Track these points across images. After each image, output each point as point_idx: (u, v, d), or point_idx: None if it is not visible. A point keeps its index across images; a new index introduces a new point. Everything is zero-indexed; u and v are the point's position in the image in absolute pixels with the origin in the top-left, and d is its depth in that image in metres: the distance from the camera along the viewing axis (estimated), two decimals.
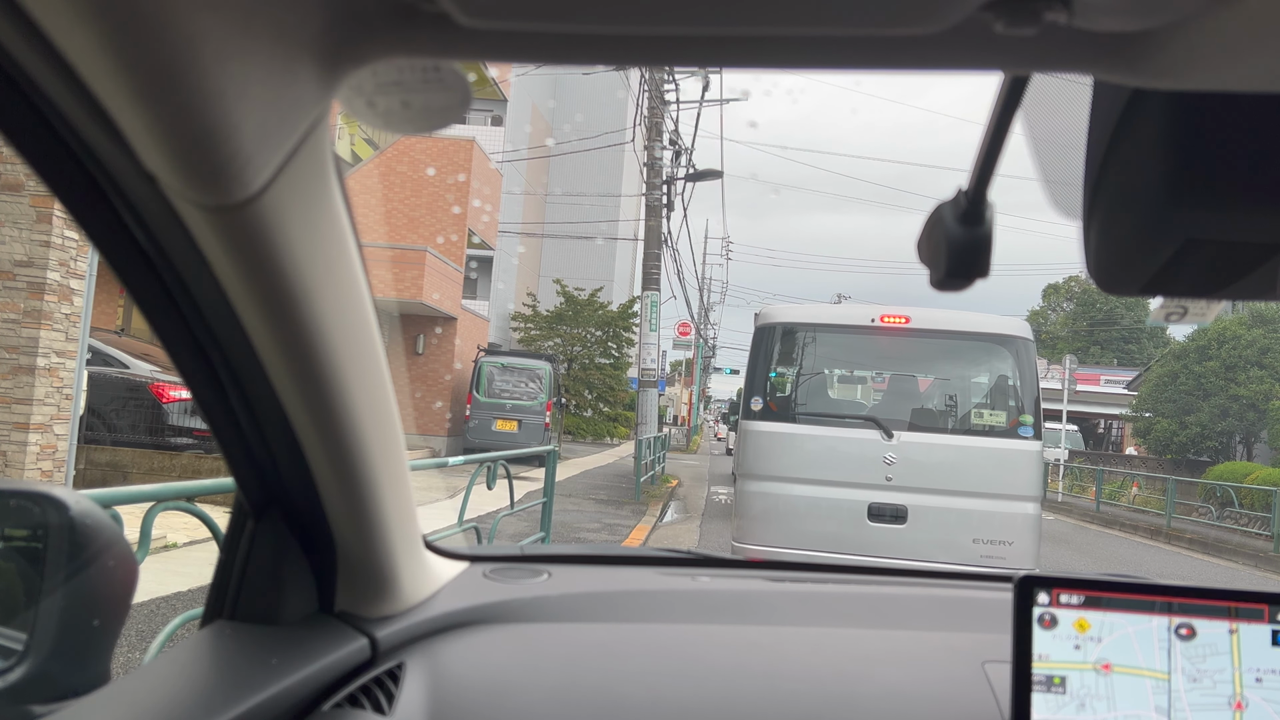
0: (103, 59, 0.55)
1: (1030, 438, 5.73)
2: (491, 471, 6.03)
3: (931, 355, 5.99)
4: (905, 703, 1.23)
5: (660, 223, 18.92)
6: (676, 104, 19.49)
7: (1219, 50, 0.48)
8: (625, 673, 1.25)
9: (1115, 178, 0.62)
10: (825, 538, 5.57)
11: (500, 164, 27.17)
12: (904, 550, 5.53)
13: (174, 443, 11.53)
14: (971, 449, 5.67)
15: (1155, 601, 1.09)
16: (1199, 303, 0.75)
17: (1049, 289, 62.94)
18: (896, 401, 5.97)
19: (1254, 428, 27.14)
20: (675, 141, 19.77)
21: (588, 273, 36.72)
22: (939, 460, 5.63)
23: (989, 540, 5.44)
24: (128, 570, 0.99)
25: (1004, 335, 5.89)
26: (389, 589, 1.19)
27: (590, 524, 11.58)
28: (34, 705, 0.90)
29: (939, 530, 5.58)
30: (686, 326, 41.19)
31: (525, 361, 22.10)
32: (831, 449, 5.74)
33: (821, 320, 6.13)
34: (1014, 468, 5.65)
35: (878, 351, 6.11)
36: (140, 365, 11.87)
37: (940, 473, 5.60)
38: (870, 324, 5.93)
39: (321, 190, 0.79)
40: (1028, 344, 5.98)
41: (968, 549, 5.47)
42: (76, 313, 9.18)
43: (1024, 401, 5.80)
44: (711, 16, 0.50)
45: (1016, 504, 5.60)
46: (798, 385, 6.03)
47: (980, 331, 5.91)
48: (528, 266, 37.76)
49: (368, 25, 0.57)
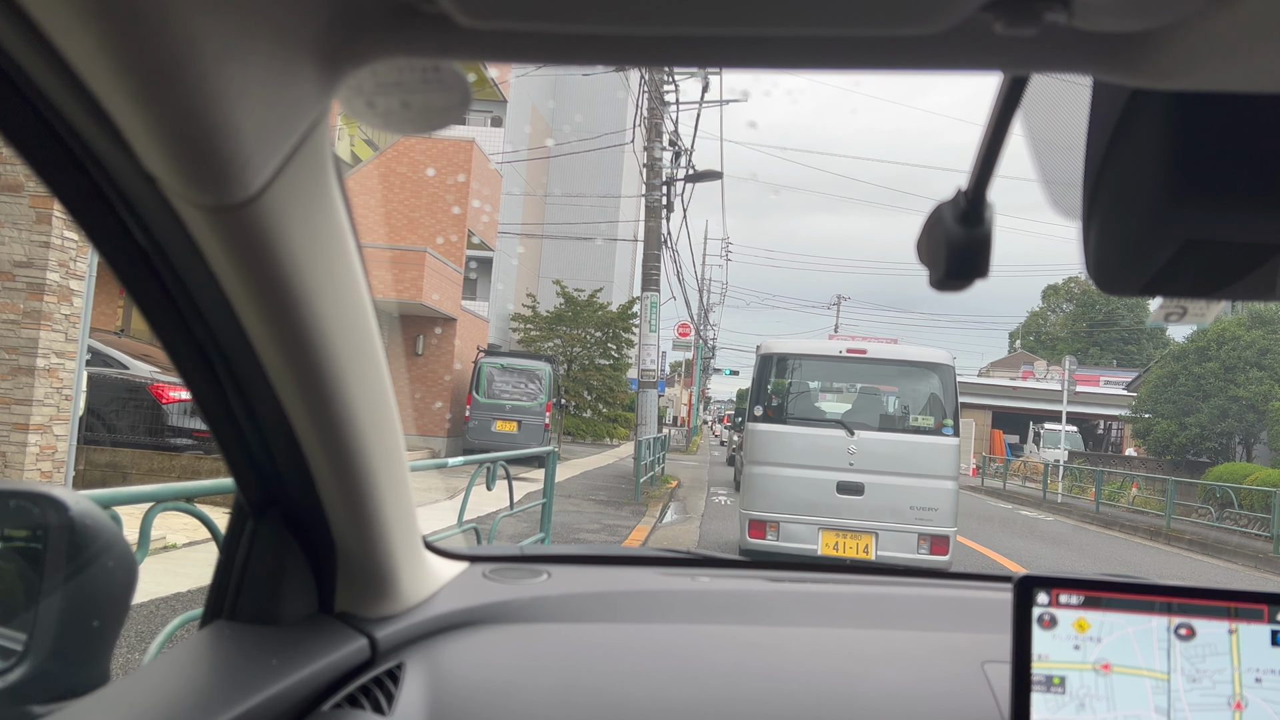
0: (103, 60, 0.55)
1: (950, 435, 7.95)
2: (491, 472, 6.07)
3: (882, 377, 8.42)
4: (905, 703, 1.23)
5: (660, 223, 18.86)
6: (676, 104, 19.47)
7: (1218, 51, 0.48)
8: (625, 673, 1.25)
9: (1115, 178, 0.62)
10: (806, 504, 7.90)
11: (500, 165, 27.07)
12: (862, 514, 7.78)
13: (174, 443, 11.45)
14: (909, 443, 7.94)
15: (1155, 602, 1.09)
16: (1198, 303, 0.75)
17: (1048, 290, 63.06)
18: (857, 409, 8.39)
19: (1253, 429, 27.03)
20: (675, 142, 19.71)
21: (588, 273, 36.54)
22: (886, 451, 7.89)
23: (921, 508, 7.73)
24: (127, 571, 0.99)
25: (932, 363, 8.20)
26: (389, 589, 1.19)
27: (590, 525, 11.55)
28: (34, 706, 0.90)
29: (886, 500, 7.76)
30: (686, 327, 41.07)
31: (525, 362, 22.00)
32: (811, 442, 8.04)
33: (804, 351, 8.69)
34: (939, 456, 7.90)
35: (844, 374, 8.63)
36: (140, 366, 11.82)
37: (887, 459, 7.86)
38: (839, 354, 8.46)
39: (321, 191, 0.79)
40: (949, 369, 8.20)
41: (907, 513, 7.73)
42: (76, 313, 9.14)
43: (946, 409, 8.03)
44: (711, 17, 0.50)
45: (941, 482, 7.84)
46: (787, 397, 8.42)
47: (915, 360, 8.26)
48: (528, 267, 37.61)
49: (367, 26, 0.57)
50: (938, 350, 8.47)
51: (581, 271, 36.49)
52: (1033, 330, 63.73)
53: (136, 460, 10.55)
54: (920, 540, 7.69)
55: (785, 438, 8.11)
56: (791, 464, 7.99)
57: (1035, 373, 47.45)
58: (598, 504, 14.03)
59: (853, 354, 8.35)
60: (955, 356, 8.35)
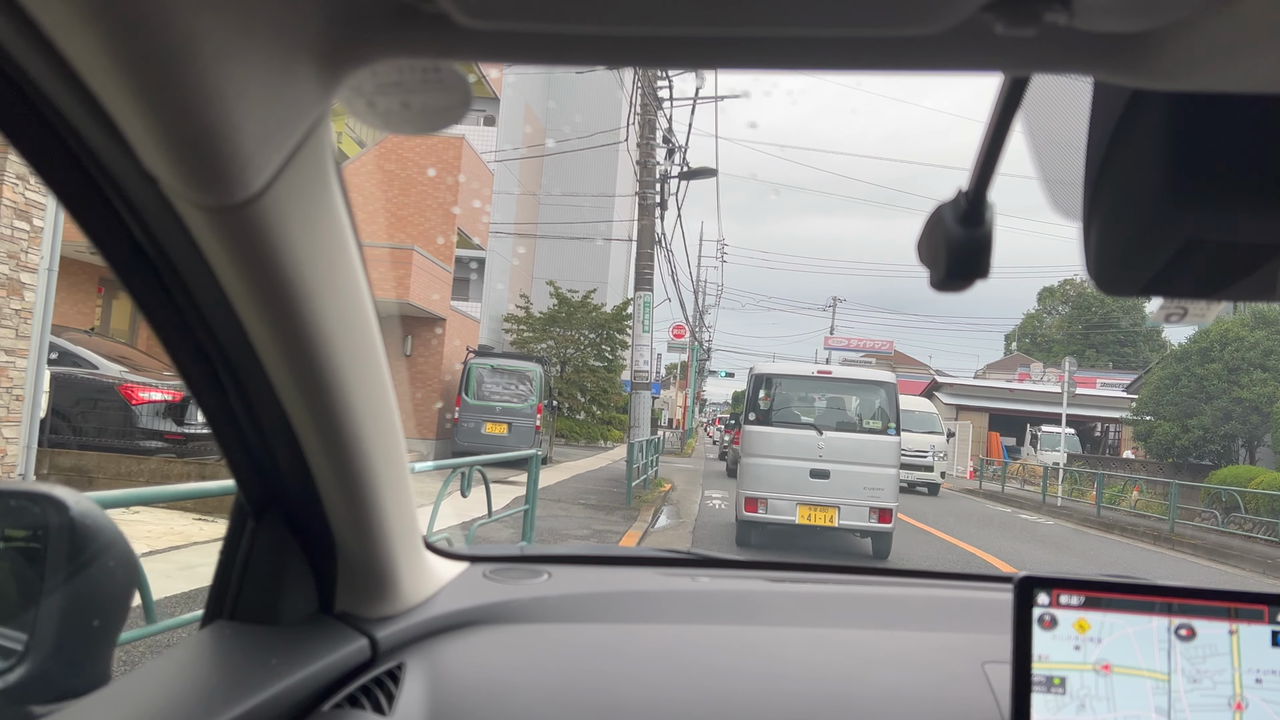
0: (103, 60, 0.55)
1: (893, 435, 10.75)
2: (466, 478, 5.74)
3: (844, 391, 11.41)
4: (905, 703, 1.23)
5: (653, 222, 18.54)
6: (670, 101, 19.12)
7: (1219, 51, 0.48)
8: (625, 673, 1.25)
9: (1115, 178, 0.62)
10: (787, 486, 10.48)
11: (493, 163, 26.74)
12: (828, 493, 10.41)
13: (144, 446, 10.83)
14: (863, 440, 10.68)
15: (1155, 602, 1.09)
16: (1199, 303, 0.75)
17: (1044, 292, 63.05)
18: (825, 415, 11.16)
19: (1257, 431, 26.51)
20: (669, 139, 19.38)
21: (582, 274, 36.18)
22: (846, 446, 10.56)
23: (871, 488, 10.38)
24: (128, 570, 0.99)
25: (879, 381, 11.42)
26: (389, 589, 1.19)
27: (579, 530, 11.28)
28: (34, 706, 0.90)
29: (846, 482, 10.41)
30: (681, 329, 40.56)
31: (515, 363, 21.45)
32: (790, 440, 10.65)
33: (785, 372, 11.75)
34: (884, 451, 10.62)
35: (814, 389, 11.41)
36: (110, 366, 11.24)
37: (846, 452, 10.52)
38: (811, 374, 11.51)
39: (322, 190, 0.79)
40: (892, 385, 11.21)
41: (861, 492, 10.37)
42: (28, 308, 8.45)
43: (889, 416, 10.90)
44: (712, 17, 0.50)
45: (886, 469, 10.55)
46: (772, 406, 11.13)
47: (866, 379, 11.51)
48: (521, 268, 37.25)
49: (367, 26, 0.57)
50: (883, 372, 12.47)
51: (576, 272, 36.14)
52: (1028, 332, 63.78)
53: (103, 463, 10.04)
54: (871, 512, 10.36)
55: (771, 436, 10.77)
56: (776, 456, 10.62)
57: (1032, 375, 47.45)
58: (588, 508, 13.48)
59: (821, 374, 11.52)
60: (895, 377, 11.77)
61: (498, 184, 27.75)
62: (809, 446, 10.50)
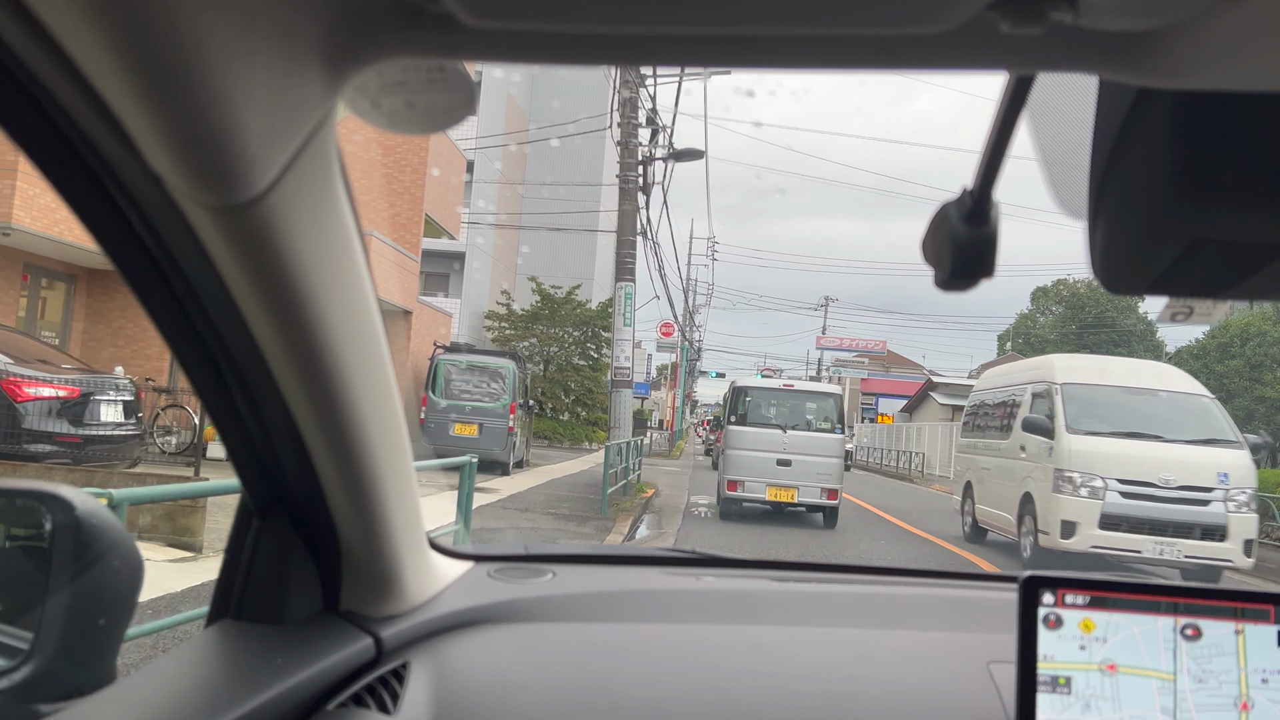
0: (108, 60, 0.55)
1: (840, 433, 14.39)
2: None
3: (802, 399, 14.97)
4: (910, 703, 1.23)
5: (635, 208, 17.15)
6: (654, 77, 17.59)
7: (1225, 50, 0.48)
8: (630, 672, 1.25)
9: (1121, 177, 0.62)
10: (759, 471, 13.79)
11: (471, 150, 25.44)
12: (790, 477, 13.76)
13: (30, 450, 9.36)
14: (817, 436, 14.10)
15: (1161, 602, 1.08)
16: (1205, 302, 0.75)
17: (1037, 292, 62.98)
18: (788, 416, 14.46)
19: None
20: (653, 119, 17.91)
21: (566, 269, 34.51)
22: (803, 442, 13.92)
23: (822, 473, 13.76)
24: (133, 569, 0.99)
25: (829, 392, 15.81)
26: (394, 588, 1.19)
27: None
28: (40, 704, 0.90)
29: (804, 469, 13.73)
30: (669, 326, 38.41)
31: (487, 360, 19.72)
32: (761, 436, 14.04)
33: (758, 384, 15.86)
34: (831, 445, 14.10)
35: (781, 397, 14.94)
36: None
37: (803, 446, 13.86)
38: (779, 387, 15.72)
39: (326, 190, 0.79)
40: (840, 395, 15.36)
41: (815, 476, 13.72)
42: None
43: (837, 417, 14.55)
44: (718, 16, 0.50)
45: (833, 459, 13.98)
46: (748, 409, 14.57)
47: (819, 390, 16.03)
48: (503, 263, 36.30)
49: (372, 26, 0.57)
50: (832, 385, 18.87)
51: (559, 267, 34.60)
52: (1022, 332, 63.73)
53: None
54: (821, 491, 13.71)
55: (747, 433, 14.17)
56: (750, 449, 14.00)
57: None
58: (557, 518, 12.21)
59: (786, 387, 15.70)
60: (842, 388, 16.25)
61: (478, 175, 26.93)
62: (776, 441, 13.93)
